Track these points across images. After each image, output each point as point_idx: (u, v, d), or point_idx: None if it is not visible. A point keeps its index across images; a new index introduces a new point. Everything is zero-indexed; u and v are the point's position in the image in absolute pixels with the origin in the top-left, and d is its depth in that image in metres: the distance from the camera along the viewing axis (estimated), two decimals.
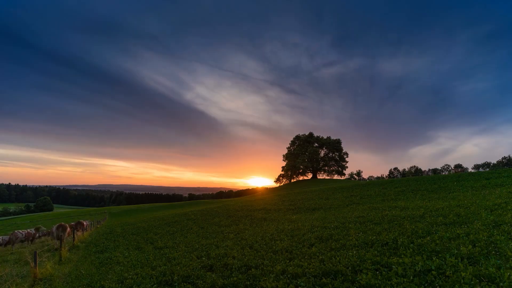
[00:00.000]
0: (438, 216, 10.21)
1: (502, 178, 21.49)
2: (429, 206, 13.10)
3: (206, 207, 34.95)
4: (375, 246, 7.51)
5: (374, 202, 18.85)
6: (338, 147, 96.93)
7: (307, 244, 8.91)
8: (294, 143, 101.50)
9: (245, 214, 20.48)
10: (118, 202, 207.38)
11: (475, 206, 11.18)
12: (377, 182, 37.01)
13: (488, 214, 9.29)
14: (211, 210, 27.64)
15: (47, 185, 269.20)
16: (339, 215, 14.22)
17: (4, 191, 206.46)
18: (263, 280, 6.16)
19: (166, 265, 8.71)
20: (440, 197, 16.45)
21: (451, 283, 4.56)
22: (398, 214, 11.69)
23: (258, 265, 7.35)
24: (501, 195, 13.43)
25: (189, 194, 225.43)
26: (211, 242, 11.85)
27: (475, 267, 5.01)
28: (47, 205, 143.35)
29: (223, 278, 6.73)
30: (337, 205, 19.62)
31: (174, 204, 74.54)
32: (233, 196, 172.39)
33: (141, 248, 12.88)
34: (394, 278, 5.12)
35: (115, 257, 11.38)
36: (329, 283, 5.42)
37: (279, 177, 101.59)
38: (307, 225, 12.35)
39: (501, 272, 4.61)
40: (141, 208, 68.20)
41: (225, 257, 8.70)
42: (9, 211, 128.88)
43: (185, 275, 7.30)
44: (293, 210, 20.41)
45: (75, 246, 15.70)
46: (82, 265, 10.65)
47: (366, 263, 6.18)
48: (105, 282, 7.59)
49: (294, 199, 27.58)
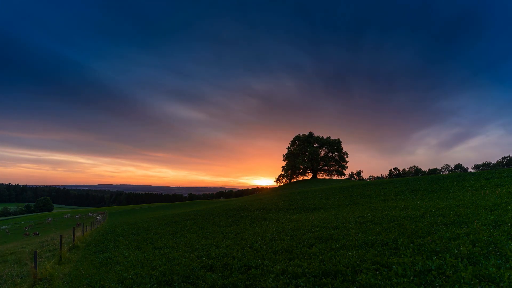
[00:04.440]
0: (438, 216, 10.21)
1: (502, 178, 21.49)
2: (429, 206, 13.10)
3: (206, 207, 34.96)
4: (375, 246, 7.51)
5: (374, 202, 18.84)
6: (338, 147, 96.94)
7: (307, 244, 8.91)
8: (294, 143, 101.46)
9: (245, 214, 20.48)
10: (118, 202, 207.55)
11: (475, 206, 11.18)
12: (377, 182, 37.00)
13: (488, 214, 9.29)
14: (211, 210, 27.64)
15: (47, 185, 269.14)
16: (339, 215, 14.22)
17: (4, 191, 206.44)
18: (263, 280, 6.16)
19: (166, 265, 8.70)
20: (440, 197, 16.45)
21: (451, 283, 4.56)
22: (398, 214, 11.70)
23: (258, 265, 7.35)
24: (501, 195, 13.43)
25: (189, 194, 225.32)
26: (211, 242, 11.85)
27: (475, 267, 5.01)
28: (47, 205, 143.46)
29: (223, 278, 6.73)
30: (337, 205, 19.62)
31: (174, 204, 74.51)
32: (233, 196, 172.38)
33: (141, 248, 12.88)
34: (394, 278, 5.12)
35: (115, 257, 11.37)
36: (329, 283, 5.42)
37: (279, 177, 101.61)
38: (307, 225, 12.35)
39: (501, 272, 4.61)
40: (141, 208, 68.19)
41: (225, 257, 8.70)
42: (9, 211, 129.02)
43: (185, 275, 7.30)
44: (293, 210, 20.41)
45: (75, 246, 15.69)
46: (82, 265, 10.64)
47: (366, 263, 6.18)
48: (105, 282, 7.58)
49: (294, 199, 27.58)
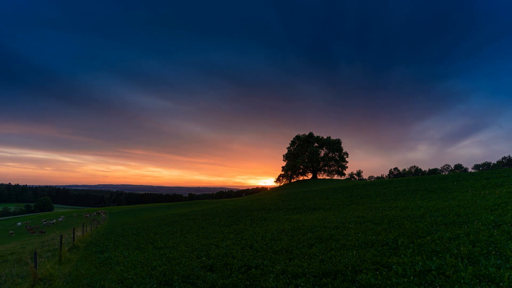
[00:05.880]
0: (438, 216, 10.21)
1: (502, 178, 21.49)
2: (429, 206, 13.11)
3: (206, 207, 34.98)
4: (375, 246, 7.51)
5: (374, 202, 18.84)
6: (338, 147, 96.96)
7: (307, 244, 8.91)
8: (294, 143, 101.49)
9: (245, 214, 20.48)
10: (118, 202, 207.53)
11: (475, 206, 11.18)
12: (377, 182, 37.01)
13: (488, 214, 9.29)
14: (211, 210, 27.65)
15: (47, 185, 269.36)
16: (339, 215, 14.23)
17: (4, 191, 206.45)
18: (263, 280, 6.16)
19: (166, 265, 8.70)
20: (440, 197, 16.45)
21: (451, 283, 4.56)
22: (398, 214, 11.70)
23: (258, 265, 7.35)
24: (501, 195, 13.43)
25: (189, 194, 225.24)
26: (211, 242, 11.85)
27: (475, 267, 5.01)
28: (47, 205, 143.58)
29: (223, 278, 6.73)
30: (337, 205, 19.62)
31: (174, 204, 74.53)
32: (233, 196, 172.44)
33: (141, 248, 12.88)
34: (394, 278, 5.12)
35: (115, 257, 11.37)
36: (329, 283, 5.42)
37: (279, 177, 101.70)
38: (307, 225, 12.35)
39: (501, 272, 4.61)
40: (141, 208, 68.20)
41: (225, 257, 8.70)
42: (9, 211, 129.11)
43: (185, 275, 7.30)
44: (293, 210, 20.41)
45: (75, 246, 15.69)
46: (82, 265, 10.64)
47: (366, 263, 6.18)
48: (105, 282, 7.58)
49: (294, 199, 27.58)
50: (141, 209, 61.15)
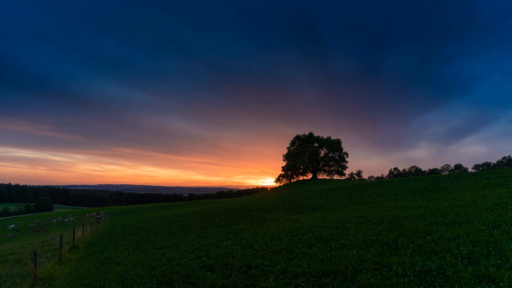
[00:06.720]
0: (438, 216, 10.21)
1: (502, 178, 21.49)
2: (429, 206, 13.10)
3: (206, 207, 34.97)
4: (375, 246, 7.51)
5: (374, 202, 18.84)
6: (338, 147, 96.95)
7: (307, 244, 8.91)
8: (294, 143, 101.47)
9: (245, 214, 20.48)
10: (118, 202, 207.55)
11: (475, 206, 11.18)
12: (377, 182, 37.01)
13: (488, 214, 9.29)
14: (211, 210, 27.65)
15: (47, 185, 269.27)
16: (339, 215, 14.22)
17: (4, 191, 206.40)
18: (263, 280, 6.16)
19: (166, 265, 8.70)
20: (440, 197, 16.44)
21: (451, 283, 4.56)
22: (398, 214, 11.70)
23: (258, 265, 7.35)
24: (501, 195, 13.43)
25: (189, 194, 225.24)
26: (211, 242, 11.85)
27: (475, 267, 5.01)
28: (47, 205, 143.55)
29: (223, 278, 6.73)
30: (337, 205, 19.62)
31: (174, 204, 74.52)
32: (233, 196, 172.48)
33: (141, 248, 12.88)
34: (394, 278, 5.12)
35: (115, 257, 11.37)
36: (329, 283, 5.42)
37: (279, 177, 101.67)
38: (307, 225, 12.35)
39: (501, 272, 4.61)
40: (141, 208, 68.19)
41: (225, 257, 8.70)
42: (9, 211, 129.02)
43: (185, 275, 7.30)
44: (293, 210, 20.41)
45: (75, 246, 15.69)
46: (82, 265, 10.64)
47: (366, 263, 6.18)
48: (105, 282, 7.58)
49: (294, 199, 27.58)
50: (141, 209, 61.14)
